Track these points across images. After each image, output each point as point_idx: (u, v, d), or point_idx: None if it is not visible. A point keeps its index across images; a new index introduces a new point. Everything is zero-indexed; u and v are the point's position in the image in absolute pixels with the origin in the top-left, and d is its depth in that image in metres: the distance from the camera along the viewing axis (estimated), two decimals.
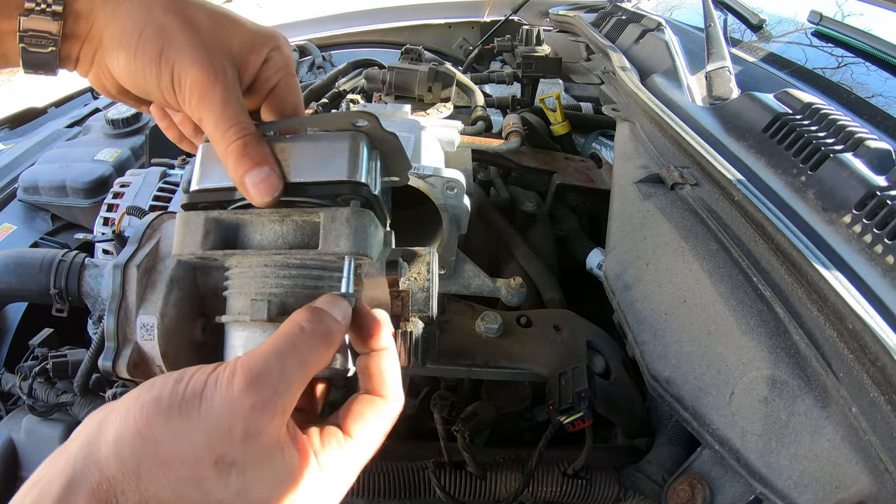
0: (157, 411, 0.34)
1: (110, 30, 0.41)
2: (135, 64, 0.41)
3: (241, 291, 0.46)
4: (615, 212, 0.88)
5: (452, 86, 1.33)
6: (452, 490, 0.71)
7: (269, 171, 0.41)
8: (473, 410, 0.77)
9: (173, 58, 0.41)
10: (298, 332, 0.38)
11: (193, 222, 0.43)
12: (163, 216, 0.58)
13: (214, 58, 0.42)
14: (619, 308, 0.75)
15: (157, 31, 0.41)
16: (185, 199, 0.45)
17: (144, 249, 0.53)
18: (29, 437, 0.86)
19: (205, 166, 0.45)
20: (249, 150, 0.41)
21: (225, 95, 0.41)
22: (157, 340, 0.49)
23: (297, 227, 0.44)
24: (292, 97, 0.49)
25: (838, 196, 0.69)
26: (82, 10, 0.41)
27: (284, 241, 0.44)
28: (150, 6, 0.41)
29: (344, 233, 0.41)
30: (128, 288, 0.51)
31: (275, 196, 0.41)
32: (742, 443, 0.57)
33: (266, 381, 0.35)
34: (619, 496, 0.71)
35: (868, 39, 1.13)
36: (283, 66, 0.47)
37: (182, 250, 0.43)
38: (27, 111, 1.79)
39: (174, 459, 0.33)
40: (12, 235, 1.30)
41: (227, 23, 0.44)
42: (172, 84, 0.41)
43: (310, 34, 2.25)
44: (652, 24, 1.42)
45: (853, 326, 0.53)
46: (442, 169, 0.69)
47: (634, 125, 1.05)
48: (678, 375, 0.64)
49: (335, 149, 0.43)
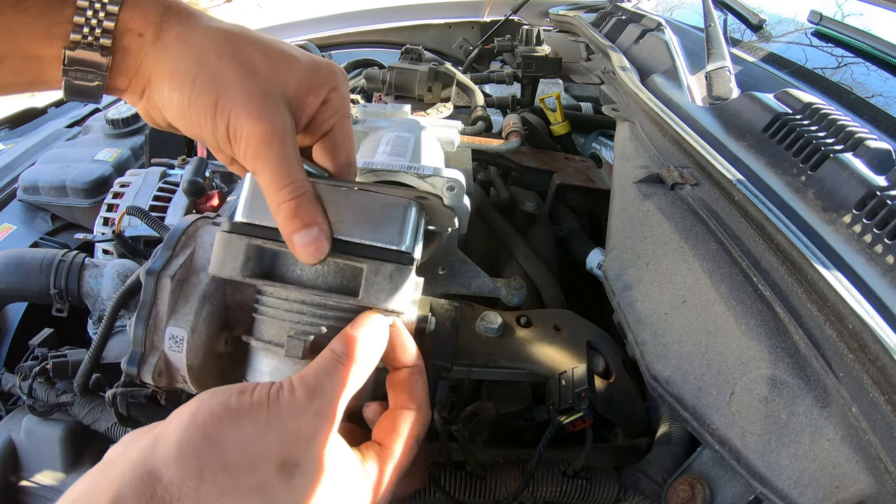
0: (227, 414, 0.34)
1: (161, 71, 0.39)
2: (189, 111, 0.40)
3: (274, 320, 0.47)
4: (615, 212, 0.88)
5: (452, 86, 1.33)
6: (452, 490, 0.71)
7: (318, 234, 0.41)
8: (473, 410, 0.77)
9: (229, 109, 0.39)
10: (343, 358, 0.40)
11: (235, 246, 0.43)
12: (197, 222, 0.57)
13: (272, 108, 0.40)
14: (619, 308, 0.75)
15: (212, 78, 0.39)
16: (228, 227, 0.44)
17: (179, 259, 0.53)
18: (29, 437, 0.86)
19: (254, 202, 0.44)
20: (301, 211, 0.40)
21: (282, 151, 0.40)
22: (185, 353, 0.50)
23: (338, 269, 0.44)
24: (346, 143, 0.47)
25: (838, 196, 0.69)
26: (131, 47, 0.39)
27: (324, 282, 0.44)
28: (204, 49, 0.39)
29: (385, 288, 0.42)
30: (160, 297, 0.51)
31: (320, 258, 0.41)
32: (742, 443, 0.57)
33: (322, 391, 0.38)
34: (619, 496, 0.71)
35: (868, 39, 1.12)
36: (341, 108, 0.45)
37: (220, 271, 0.44)
38: (27, 111, 1.80)
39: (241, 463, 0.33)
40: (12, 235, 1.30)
41: (284, 61, 0.42)
42: (228, 135, 0.40)
43: (310, 34, 2.25)
44: (652, 24, 1.42)
45: (853, 326, 0.53)
46: (442, 169, 0.69)
47: (634, 125, 1.05)
48: (678, 375, 0.64)
49: (388, 215, 0.43)
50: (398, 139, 0.80)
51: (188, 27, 0.39)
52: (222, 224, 0.44)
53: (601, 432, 0.84)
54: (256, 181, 0.42)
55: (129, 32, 0.38)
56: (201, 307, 0.51)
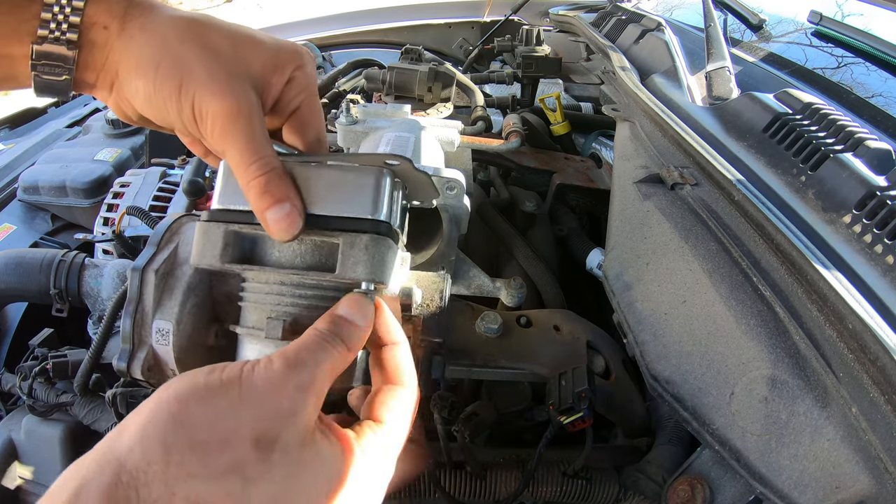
0: (194, 394, 0.32)
1: (127, 61, 0.40)
2: (154, 97, 0.40)
3: (256, 305, 0.47)
4: (615, 212, 0.88)
5: (452, 86, 1.33)
6: (452, 490, 0.71)
7: (291, 209, 0.40)
8: (473, 410, 0.77)
9: (193, 90, 0.39)
10: (327, 336, 0.38)
11: (213, 233, 0.43)
12: (181, 219, 0.58)
13: (236, 86, 0.40)
14: (619, 308, 0.75)
15: (175, 62, 0.39)
16: (206, 216, 0.44)
17: (163, 254, 0.53)
18: (29, 437, 0.86)
19: (227, 187, 0.44)
20: (272, 187, 0.40)
21: (248, 128, 0.40)
22: (171, 346, 0.50)
23: (315, 246, 0.44)
24: (315, 120, 0.47)
25: (838, 196, 0.69)
26: (97, 40, 0.40)
27: (302, 261, 0.44)
28: (166, 36, 0.40)
29: (362, 259, 0.42)
30: (145, 291, 0.51)
31: (294, 234, 0.41)
32: (742, 443, 0.57)
33: (303, 365, 0.35)
34: (619, 496, 0.71)
35: (868, 39, 1.12)
36: (306, 86, 0.46)
37: (200, 261, 0.44)
38: (27, 111, 1.80)
39: (212, 441, 0.31)
40: (12, 235, 1.30)
41: (248, 44, 0.42)
42: (194, 116, 0.40)
43: (310, 34, 2.25)
44: (652, 24, 1.42)
45: (853, 326, 0.53)
46: (442, 169, 0.69)
47: (634, 125, 1.05)
48: (678, 375, 0.64)
49: (360, 185, 0.43)
50: (398, 139, 0.80)
51: (151, 17, 0.40)
52: (202, 215, 0.45)
53: (601, 432, 0.84)
54: (228, 166, 0.42)
55: (94, 26, 0.39)
56: (186, 299, 0.51)
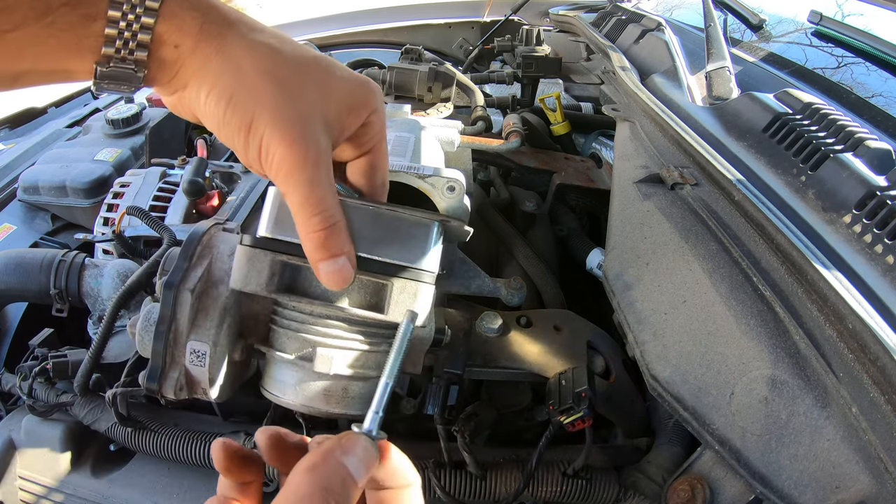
0: None
1: (198, 79, 0.38)
2: (224, 127, 0.39)
3: (297, 333, 0.47)
4: (615, 212, 0.88)
5: (452, 86, 1.33)
6: (452, 490, 0.71)
7: (345, 263, 0.40)
8: (473, 410, 0.77)
9: (262, 130, 0.38)
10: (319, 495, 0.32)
11: (260, 261, 0.43)
12: (211, 230, 0.56)
13: (307, 132, 0.39)
14: (619, 308, 0.75)
15: (249, 95, 0.38)
16: (251, 241, 0.44)
17: (196, 271, 0.51)
18: (29, 437, 0.86)
19: (278, 217, 0.44)
20: (330, 243, 0.40)
21: (313, 177, 0.39)
22: (207, 368, 0.49)
23: (362, 285, 0.45)
24: (383, 164, 0.47)
25: (838, 196, 0.69)
26: (167, 58, 0.38)
27: (350, 299, 0.45)
28: (241, 65, 0.38)
29: (409, 304, 0.43)
30: (179, 312, 0.50)
31: (345, 286, 0.41)
32: (742, 443, 0.57)
33: None
34: (619, 496, 0.71)
35: (868, 39, 1.12)
36: (379, 131, 0.45)
37: (244, 286, 0.43)
38: (27, 111, 1.79)
39: None
40: (12, 235, 1.30)
41: (324, 80, 0.41)
42: (260, 156, 0.39)
43: (310, 34, 2.25)
44: (652, 24, 1.42)
45: (853, 326, 0.53)
46: (442, 169, 0.69)
47: (634, 125, 1.05)
48: (678, 375, 0.64)
49: (413, 236, 0.44)
50: (398, 139, 0.80)
51: (228, 39, 0.38)
52: (243, 238, 0.44)
53: (601, 432, 0.84)
54: (282, 197, 0.41)
55: (164, 45, 0.37)
56: (222, 321, 0.50)
